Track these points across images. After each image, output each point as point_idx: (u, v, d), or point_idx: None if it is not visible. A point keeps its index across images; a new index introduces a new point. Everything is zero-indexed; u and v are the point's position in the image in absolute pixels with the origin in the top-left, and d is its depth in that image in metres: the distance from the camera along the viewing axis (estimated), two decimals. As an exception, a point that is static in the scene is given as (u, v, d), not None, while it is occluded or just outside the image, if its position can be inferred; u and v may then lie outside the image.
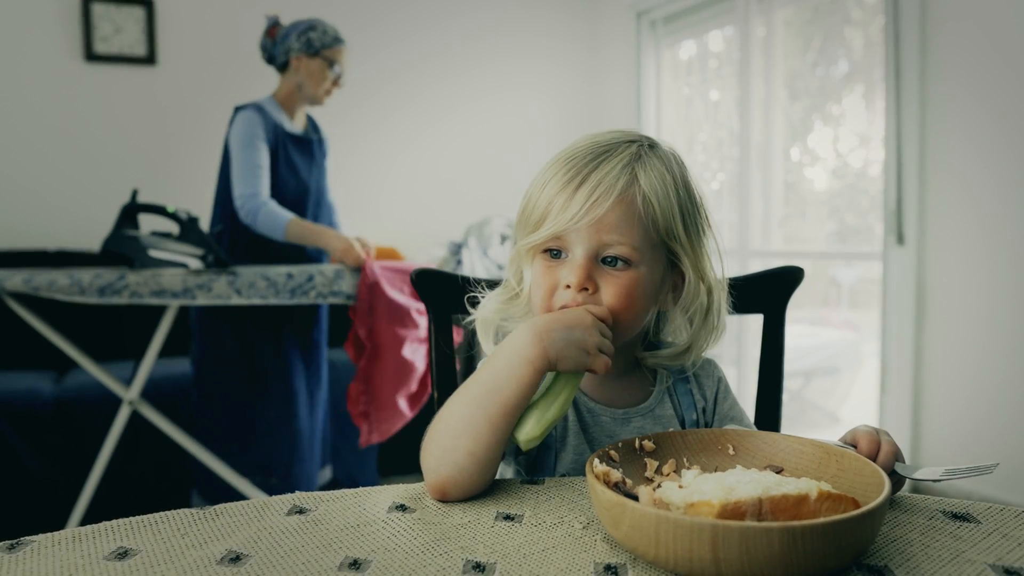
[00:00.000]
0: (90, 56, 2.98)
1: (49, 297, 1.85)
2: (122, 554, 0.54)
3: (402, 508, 0.64)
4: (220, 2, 3.19)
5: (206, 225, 2.26)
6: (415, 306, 2.09)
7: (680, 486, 0.57)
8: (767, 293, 0.99)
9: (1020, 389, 2.26)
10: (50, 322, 2.04)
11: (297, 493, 0.66)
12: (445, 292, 0.95)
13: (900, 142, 2.51)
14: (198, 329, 2.17)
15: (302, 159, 2.24)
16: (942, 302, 2.47)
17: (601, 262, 0.74)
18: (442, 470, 0.66)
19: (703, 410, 0.86)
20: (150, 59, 3.08)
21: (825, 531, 0.47)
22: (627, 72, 3.76)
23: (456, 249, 3.16)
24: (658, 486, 0.60)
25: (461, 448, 0.66)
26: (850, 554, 0.50)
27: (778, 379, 1.00)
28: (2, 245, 2.83)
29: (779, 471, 0.63)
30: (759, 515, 0.52)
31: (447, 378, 0.97)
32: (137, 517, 0.60)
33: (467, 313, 0.87)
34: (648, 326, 0.83)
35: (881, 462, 0.65)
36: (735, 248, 3.24)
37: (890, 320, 2.59)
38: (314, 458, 2.28)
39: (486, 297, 0.85)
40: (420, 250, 3.27)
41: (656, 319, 0.85)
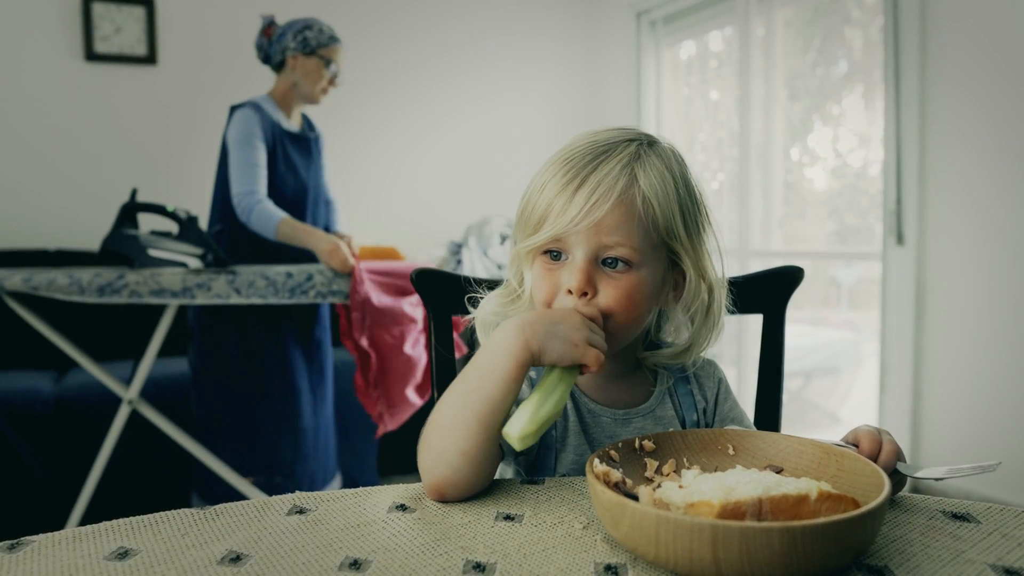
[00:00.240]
0: (90, 56, 2.98)
1: (49, 296, 1.85)
2: (122, 554, 0.54)
3: (402, 508, 0.64)
4: (220, 2, 3.19)
5: (205, 224, 2.27)
6: (407, 300, 2.12)
7: (680, 486, 0.57)
8: (767, 293, 0.99)
9: (1020, 389, 2.26)
10: (50, 321, 2.04)
11: (297, 493, 0.66)
12: (445, 292, 0.95)
13: (900, 142, 2.51)
14: (197, 329, 2.17)
15: (300, 157, 2.25)
16: (942, 302, 2.47)
17: (602, 264, 0.73)
18: (437, 472, 0.66)
19: (704, 411, 0.86)
20: (150, 59, 3.08)
21: (825, 531, 0.47)
22: (627, 72, 3.76)
23: (456, 249, 3.16)
24: (658, 486, 0.60)
25: (453, 448, 0.66)
26: (850, 554, 0.50)
27: (778, 379, 1.00)
28: (2, 245, 2.83)
29: (779, 471, 0.63)
30: (759, 515, 0.52)
31: (447, 378, 0.97)
32: (137, 517, 0.60)
33: (467, 313, 0.86)
34: (649, 326, 0.82)
35: (883, 462, 0.65)
36: (735, 248, 3.24)
37: (890, 320, 2.59)
38: (319, 456, 2.28)
39: (486, 298, 0.84)
40: (420, 250, 3.27)
41: (656, 318, 0.85)
